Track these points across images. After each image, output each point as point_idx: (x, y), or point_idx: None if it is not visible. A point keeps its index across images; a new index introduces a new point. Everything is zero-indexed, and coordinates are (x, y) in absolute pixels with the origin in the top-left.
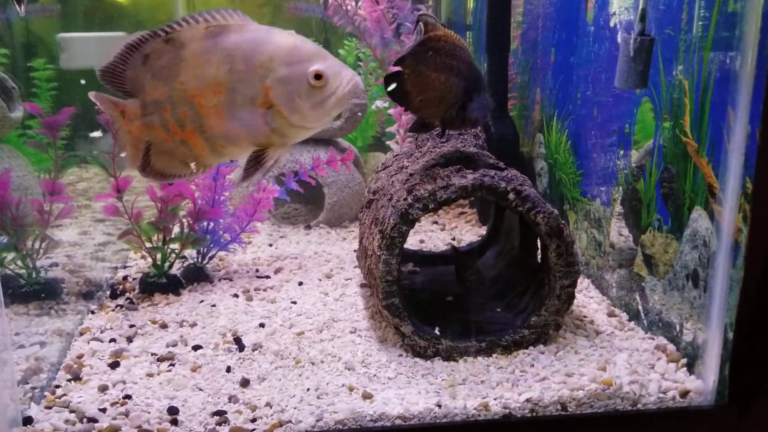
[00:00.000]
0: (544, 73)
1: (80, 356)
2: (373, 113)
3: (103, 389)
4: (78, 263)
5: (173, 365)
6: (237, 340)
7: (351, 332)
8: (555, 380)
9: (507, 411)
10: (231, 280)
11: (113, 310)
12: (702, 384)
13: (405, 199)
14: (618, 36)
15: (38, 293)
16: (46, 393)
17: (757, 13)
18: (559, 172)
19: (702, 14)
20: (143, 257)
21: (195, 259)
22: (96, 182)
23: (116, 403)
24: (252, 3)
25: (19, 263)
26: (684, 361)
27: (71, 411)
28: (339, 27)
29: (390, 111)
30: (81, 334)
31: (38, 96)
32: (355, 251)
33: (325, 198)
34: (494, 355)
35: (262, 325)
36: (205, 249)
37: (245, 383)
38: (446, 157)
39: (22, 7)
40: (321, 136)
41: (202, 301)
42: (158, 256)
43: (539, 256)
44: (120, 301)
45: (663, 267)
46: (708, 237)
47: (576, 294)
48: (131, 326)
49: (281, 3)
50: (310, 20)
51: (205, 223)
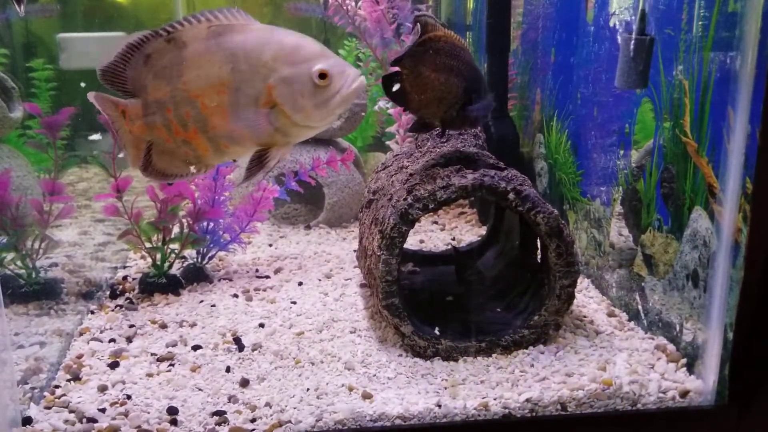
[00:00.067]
0: (544, 74)
1: (80, 356)
2: (373, 113)
3: (103, 389)
4: (78, 263)
5: (173, 365)
6: (237, 340)
7: (351, 332)
8: (555, 380)
9: (507, 411)
10: (231, 280)
11: (113, 310)
12: (702, 384)
13: (405, 199)
14: (618, 36)
15: (38, 293)
16: (46, 393)
17: (757, 13)
18: (559, 172)
19: (702, 14)
20: (143, 257)
21: (195, 259)
22: (96, 182)
23: (116, 403)
24: (252, 3)
25: (19, 263)
26: (684, 361)
27: (71, 411)
28: (339, 27)
29: (390, 111)
30: (80, 334)
31: (37, 96)
32: (355, 251)
33: (325, 198)
34: (494, 355)
35: (262, 325)
36: (205, 249)
37: (245, 383)
38: (446, 157)
39: (22, 7)
40: (321, 136)
41: (202, 301)
42: (158, 256)
43: (539, 256)
44: (120, 301)
45: (663, 267)
46: (708, 237)
47: (576, 294)
48: (131, 326)
49: (281, 3)
50: (310, 20)
51: (205, 223)
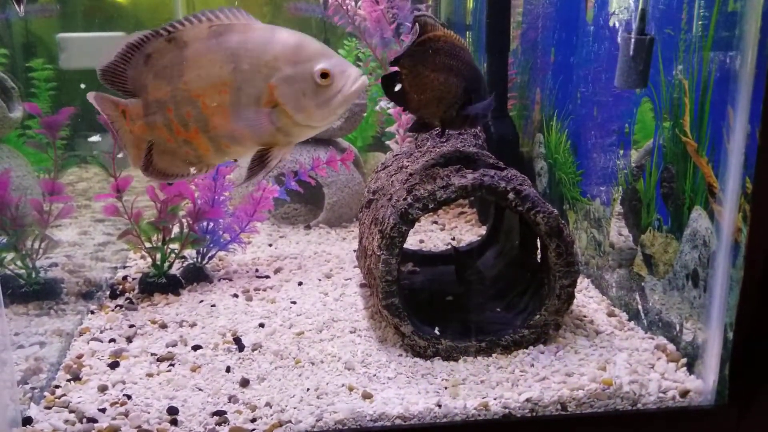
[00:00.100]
0: (544, 73)
1: (80, 356)
2: (373, 113)
3: (103, 389)
4: (77, 263)
5: (173, 365)
6: (237, 340)
7: (351, 332)
8: (555, 380)
9: (507, 411)
10: (231, 280)
11: (113, 310)
12: (702, 384)
13: (405, 199)
14: (618, 36)
15: (38, 293)
16: (46, 393)
17: (757, 13)
18: (559, 172)
19: (702, 14)
20: (143, 257)
21: (195, 259)
22: (96, 182)
23: (116, 403)
24: (252, 3)
25: (19, 263)
26: (684, 361)
27: (71, 411)
28: (339, 27)
29: (390, 111)
30: (80, 334)
31: (37, 96)
32: (355, 251)
33: (325, 198)
34: (494, 355)
35: (262, 325)
36: (205, 249)
37: (245, 383)
38: (446, 157)
39: (22, 7)
40: (321, 136)
41: (202, 301)
42: (158, 256)
43: (539, 256)
44: (120, 301)
45: (663, 267)
46: (708, 237)
47: (576, 294)
48: (131, 326)
49: (281, 2)
50: (310, 20)
51: (205, 223)
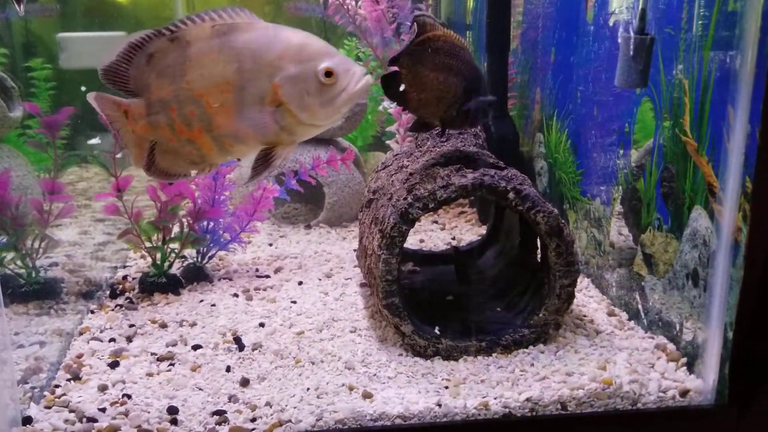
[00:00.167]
0: (544, 73)
1: (80, 356)
2: (374, 112)
3: (103, 389)
4: (78, 263)
5: (173, 365)
6: (237, 340)
7: (351, 332)
8: (555, 379)
9: (507, 410)
10: (231, 280)
11: (113, 310)
12: (702, 383)
13: (405, 199)
14: (618, 35)
15: (38, 293)
16: (46, 393)
17: (757, 12)
18: (559, 172)
19: (702, 13)
20: (143, 257)
21: (195, 259)
22: (96, 182)
23: (116, 403)
24: (252, 2)
25: (19, 263)
26: (684, 361)
27: (71, 411)
28: (339, 26)
29: (391, 110)
30: (80, 334)
31: (37, 96)
32: (355, 251)
33: (325, 197)
34: (494, 355)
35: (262, 325)
36: (205, 248)
37: (245, 383)
38: (446, 157)
39: (22, 7)
40: (321, 136)
41: (202, 301)
42: (158, 256)
43: (539, 256)
44: (120, 301)
45: (663, 266)
46: (708, 236)
47: (576, 293)
48: (131, 326)
49: (282, 2)
50: (310, 20)
51: (205, 223)
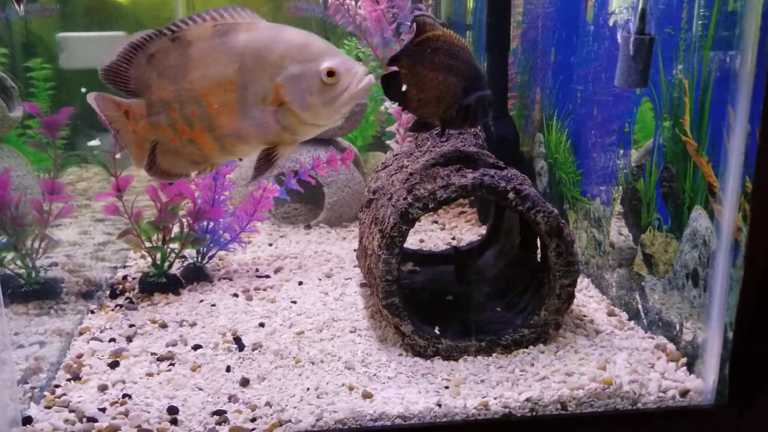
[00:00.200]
0: (544, 73)
1: (80, 356)
2: (373, 112)
3: (103, 389)
4: (77, 263)
5: (173, 365)
6: (237, 340)
7: (351, 332)
8: (555, 379)
9: (507, 410)
10: (231, 280)
11: (113, 310)
12: (702, 383)
13: (405, 199)
14: (618, 35)
15: (38, 293)
16: (46, 393)
17: (757, 12)
18: (559, 172)
19: (702, 13)
20: (143, 257)
21: (195, 259)
22: (96, 182)
23: (116, 403)
24: (251, 2)
25: (19, 263)
26: (684, 361)
27: (71, 411)
28: (339, 26)
29: (391, 110)
30: (80, 334)
31: (36, 96)
32: (355, 251)
33: (325, 197)
34: (494, 355)
35: (262, 325)
36: (205, 248)
37: (245, 383)
38: (446, 157)
39: (22, 7)
40: (321, 136)
41: (202, 301)
42: (158, 256)
43: (539, 256)
44: (120, 301)
45: (663, 266)
46: (708, 236)
47: (576, 293)
48: (131, 326)
49: (281, 2)
50: (310, 20)
51: (205, 223)
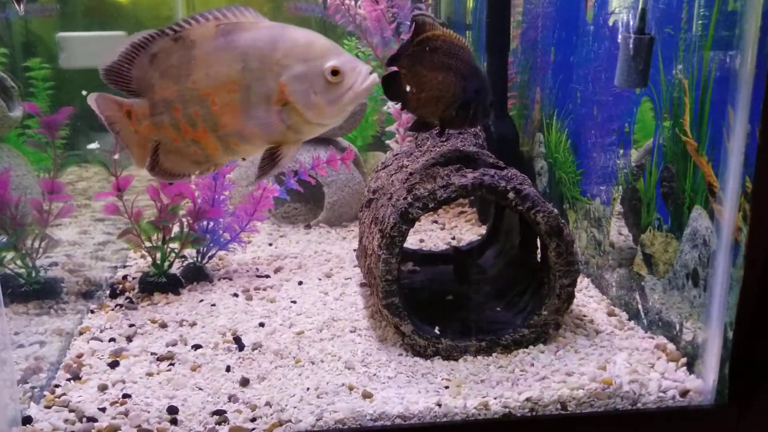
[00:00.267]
0: (544, 73)
1: (80, 356)
2: (373, 112)
3: (103, 389)
4: (77, 262)
5: (173, 365)
6: (237, 340)
7: (351, 331)
8: (555, 379)
9: (507, 410)
10: (231, 280)
11: (113, 310)
12: (702, 383)
13: (405, 198)
14: (618, 35)
15: (38, 292)
16: (46, 392)
17: (757, 12)
18: (559, 171)
19: (702, 13)
20: (143, 256)
21: (195, 259)
22: (96, 181)
23: (116, 403)
24: (251, 2)
25: (19, 262)
26: (684, 361)
27: (71, 410)
28: (338, 26)
29: (390, 110)
30: (80, 334)
31: (36, 95)
32: (355, 250)
33: (325, 197)
34: (494, 355)
35: (262, 325)
36: (205, 248)
37: (245, 383)
38: (446, 157)
39: (22, 6)
40: (321, 136)
41: (202, 301)
42: (158, 256)
43: (539, 256)
44: (119, 301)
45: (663, 266)
46: (708, 236)
47: (576, 293)
48: (131, 326)
49: (281, 2)
50: (310, 19)
51: (205, 223)
